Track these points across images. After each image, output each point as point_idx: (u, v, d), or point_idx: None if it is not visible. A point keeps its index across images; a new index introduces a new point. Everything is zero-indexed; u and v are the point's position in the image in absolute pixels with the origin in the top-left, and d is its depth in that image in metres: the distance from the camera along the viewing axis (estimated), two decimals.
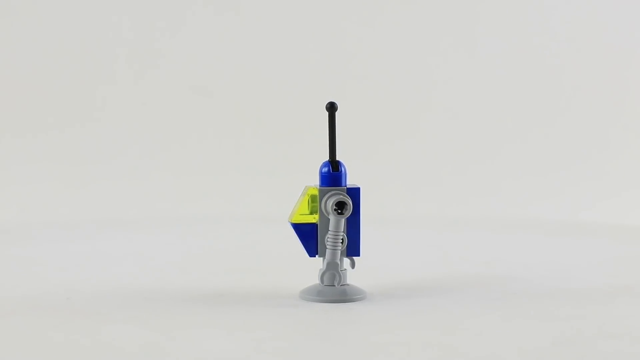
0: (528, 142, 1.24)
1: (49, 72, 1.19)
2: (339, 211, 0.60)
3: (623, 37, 1.26)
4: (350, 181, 0.63)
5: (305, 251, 0.61)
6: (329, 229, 0.61)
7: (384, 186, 1.15)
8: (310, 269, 0.63)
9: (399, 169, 1.20)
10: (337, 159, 0.62)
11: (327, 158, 0.62)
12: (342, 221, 0.60)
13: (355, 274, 0.63)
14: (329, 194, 0.61)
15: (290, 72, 1.22)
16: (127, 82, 1.20)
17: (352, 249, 0.61)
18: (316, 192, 0.61)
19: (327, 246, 0.61)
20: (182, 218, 1.05)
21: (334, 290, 0.61)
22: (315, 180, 0.62)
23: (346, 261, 0.62)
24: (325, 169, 0.62)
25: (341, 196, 0.60)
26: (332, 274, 0.61)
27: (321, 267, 0.62)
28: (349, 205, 0.60)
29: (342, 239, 0.61)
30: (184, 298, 0.62)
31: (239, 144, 1.20)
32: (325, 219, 0.61)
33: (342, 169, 0.62)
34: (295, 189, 0.64)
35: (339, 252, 0.61)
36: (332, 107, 0.62)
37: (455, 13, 1.26)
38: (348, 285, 0.62)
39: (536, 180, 1.21)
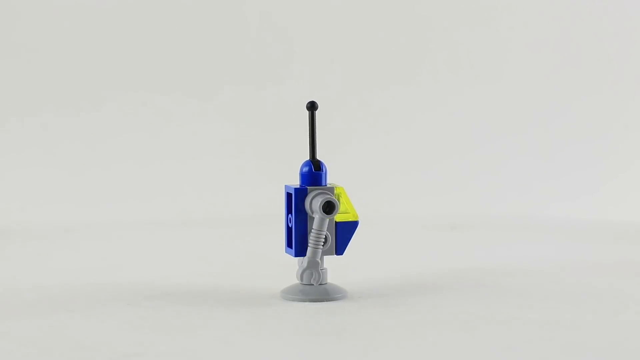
0: (526, 138, 1.23)
1: (48, 69, 1.19)
2: (327, 211, 0.60)
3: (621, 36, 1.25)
4: (336, 180, 0.63)
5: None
6: (313, 227, 0.61)
7: (367, 184, 1.14)
8: (290, 269, 0.63)
9: (383, 167, 1.19)
10: (317, 158, 0.62)
11: (307, 157, 0.62)
12: (326, 221, 0.61)
13: (337, 273, 0.63)
14: (314, 193, 0.61)
15: (283, 69, 1.22)
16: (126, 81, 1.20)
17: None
18: (341, 191, 0.62)
19: (310, 244, 0.61)
20: (167, 219, 1.05)
21: (314, 289, 0.61)
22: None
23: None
24: (305, 169, 0.62)
25: (328, 196, 0.60)
26: (311, 272, 0.61)
27: (303, 266, 0.62)
28: (337, 206, 0.60)
29: (326, 238, 0.61)
30: (163, 299, 0.62)
31: (222, 143, 1.19)
32: (303, 218, 0.61)
33: (324, 168, 0.62)
34: (275, 187, 0.64)
35: (320, 251, 0.61)
36: (312, 107, 0.62)
37: (439, 12, 1.25)
38: (327, 284, 0.62)
39: (535, 178, 1.20)
